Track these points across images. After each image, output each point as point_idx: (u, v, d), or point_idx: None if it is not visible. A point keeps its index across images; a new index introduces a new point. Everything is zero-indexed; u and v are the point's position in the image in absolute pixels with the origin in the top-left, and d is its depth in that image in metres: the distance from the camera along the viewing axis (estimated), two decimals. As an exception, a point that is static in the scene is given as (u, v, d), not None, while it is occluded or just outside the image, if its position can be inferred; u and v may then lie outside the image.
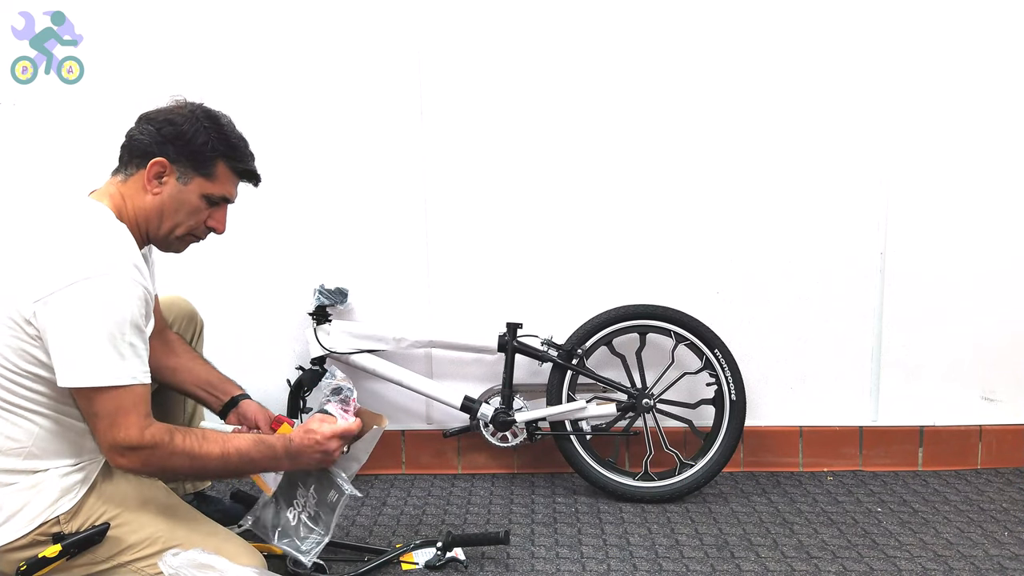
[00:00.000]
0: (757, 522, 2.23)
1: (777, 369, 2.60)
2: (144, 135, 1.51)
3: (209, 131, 1.51)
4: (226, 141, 1.54)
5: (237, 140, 1.57)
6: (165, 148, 1.49)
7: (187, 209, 1.53)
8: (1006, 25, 2.46)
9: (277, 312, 2.54)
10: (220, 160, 1.53)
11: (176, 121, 1.51)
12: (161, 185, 1.50)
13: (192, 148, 1.50)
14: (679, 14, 2.45)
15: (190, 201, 1.53)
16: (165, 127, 1.50)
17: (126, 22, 2.43)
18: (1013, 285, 2.57)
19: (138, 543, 1.48)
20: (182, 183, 1.51)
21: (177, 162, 1.50)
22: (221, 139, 1.53)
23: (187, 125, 1.50)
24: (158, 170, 1.49)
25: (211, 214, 1.57)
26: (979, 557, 2.02)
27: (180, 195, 1.52)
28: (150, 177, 1.50)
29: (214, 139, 1.52)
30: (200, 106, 1.56)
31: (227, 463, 1.49)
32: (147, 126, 1.51)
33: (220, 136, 1.53)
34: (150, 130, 1.51)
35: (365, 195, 2.51)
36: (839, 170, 2.52)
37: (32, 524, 1.42)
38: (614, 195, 2.52)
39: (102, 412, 1.37)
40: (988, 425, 2.62)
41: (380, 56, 2.46)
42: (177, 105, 1.55)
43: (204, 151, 1.51)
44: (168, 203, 1.51)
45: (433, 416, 2.61)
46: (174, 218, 1.53)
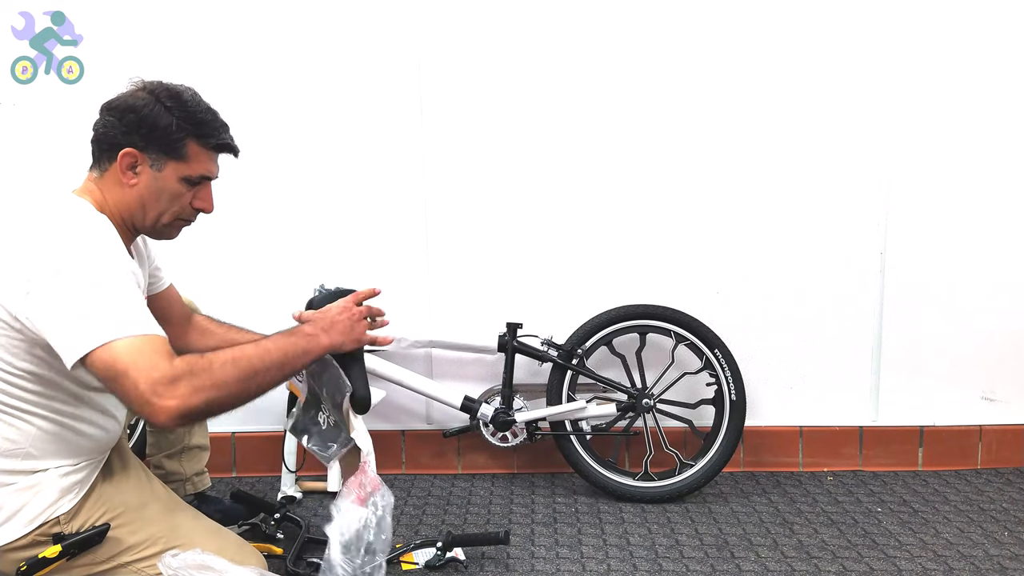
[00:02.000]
0: (757, 522, 2.23)
1: (777, 369, 2.60)
2: (108, 127, 1.45)
3: (172, 111, 1.44)
4: (192, 118, 1.46)
5: (204, 114, 1.48)
6: (131, 137, 1.43)
7: (168, 195, 1.47)
8: (1006, 25, 2.46)
9: (277, 312, 2.53)
10: (190, 139, 1.45)
11: (136, 107, 1.44)
12: (136, 176, 1.45)
13: (158, 133, 1.43)
14: (679, 14, 2.45)
15: (169, 187, 1.46)
16: (127, 115, 1.44)
17: (126, 22, 2.43)
18: (1013, 285, 2.57)
19: (139, 543, 1.47)
20: (156, 170, 1.45)
21: (147, 150, 1.44)
22: (186, 117, 1.45)
23: (147, 109, 1.43)
24: (129, 161, 1.44)
25: (195, 194, 1.50)
26: (979, 557, 2.02)
27: (157, 183, 1.45)
28: (123, 169, 1.44)
29: (178, 119, 1.44)
30: (159, 84, 1.48)
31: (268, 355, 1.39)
32: (109, 117, 1.46)
33: (185, 114, 1.45)
34: (112, 121, 1.45)
35: (365, 195, 2.51)
36: (839, 170, 2.52)
37: (31, 525, 1.41)
38: (614, 195, 2.52)
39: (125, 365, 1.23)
40: (988, 425, 2.62)
41: (380, 56, 2.46)
42: (135, 88, 1.48)
43: (171, 133, 1.43)
44: (147, 193, 1.46)
45: (433, 416, 2.61)
46: (157, 207, 1.47)
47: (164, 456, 2.01)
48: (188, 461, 2.03)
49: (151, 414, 1.24)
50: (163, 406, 1.22)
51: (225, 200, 2.47)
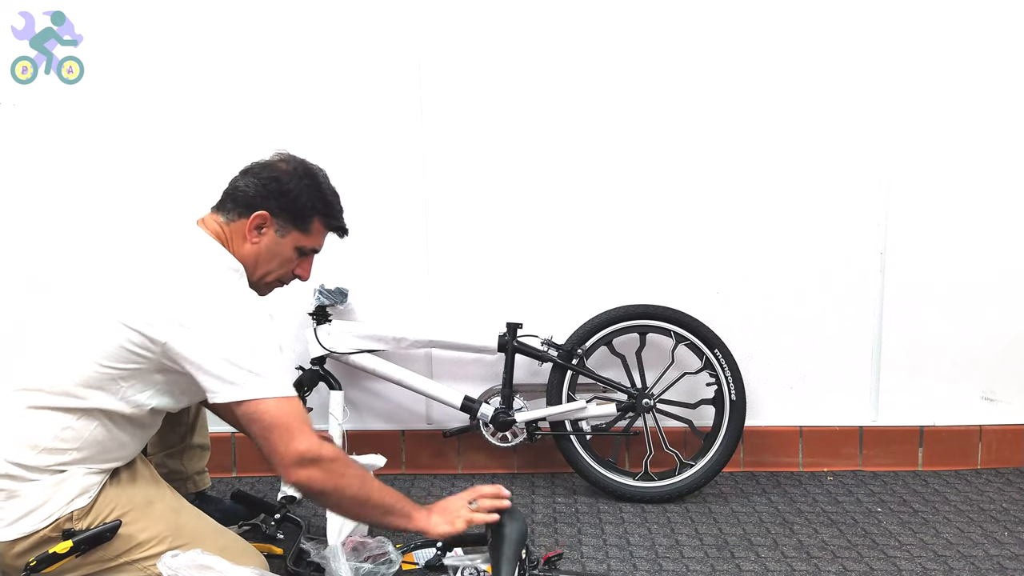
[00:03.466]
0: (757, 522, 2.23)
1: (777, 369, 2.60)
2: (249, 188, 1.59)
3: (310, 189, 1.61)
4: (323, 199, 1.64)
5: (332, 197, 1.67)
6: (269, 203, 1.58)
7: (280, 259, 1.63)
8: (1006, 26, 2.46)
9: (277, 312, 2.53)
10: (317, 217, 1.63)
11: (282, 179, 1.60)
12: (260, 235, 1.60)
13: (294, 206, 1.60)
14: (679, 14, 2.45)
15: (284, 252, 1.63)
16: (271, 184, 1.59)
17: (126, 22, 2.43)
18: (1013, 285, 2.57)
19: (146, 541, 1.49)
20: (280, 235, 1.61)
21: (278, 216, 1.59)
22: (320, 197, 1.63)
23: (291, 184, 1.60)
24: (259, 222, 1.58)
25: (299, 263, 1.68)
26: (979, 557, 2.02)
27: (276, 246, 1.61)
28: (251, 227, 1.58)
29: (314, 198, 1.62)
30: (303, 163, 1.65)
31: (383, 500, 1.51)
32: (252, 179, 1.60)
33: (319, 194, 1.63)
34: (255, 183, 1.59)
35: (365, 195, 2.51)
36: (839, 170, 2.52)
37: (48, 520, 1.44)
38: (614, 195, 2.52)
39: (279, 423, 1.41)
40: (988, 425, 2.62)
41: (380, 56, 2.46)
42: (281, 160, 1.64)
43: (304, 209, 1.61)
44: (264, 252, 1.61)
45: (433, 416, 2.61)
46: (267, 266, 1.62)
47: (165, 454, 2.01)
48: (189, 460, 2.04)
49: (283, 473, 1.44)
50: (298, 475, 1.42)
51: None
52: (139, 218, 2.45)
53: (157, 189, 2.45)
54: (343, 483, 1.45)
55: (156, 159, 2.47)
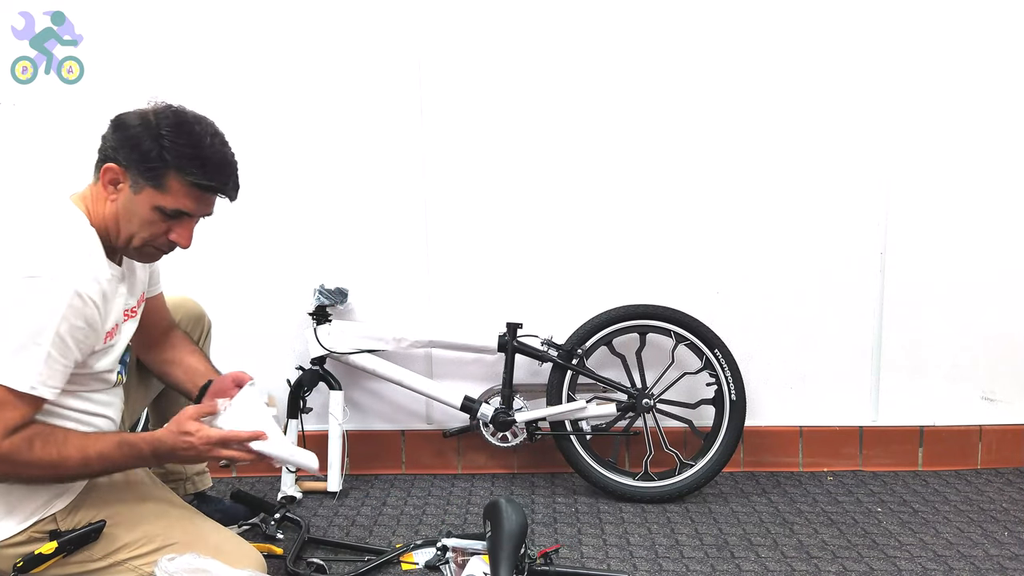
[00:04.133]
0: (757, 522, 2.23)
1: (777, 369, 2.60)
2: (104, 139, 1.44)
3: (161, 138, 1.39)
4: (179, 151, 1.39)
5: (195, 150, 1.41)
6: (116, 153, 1.41)
7: (139, 220, 1.43)
8: (1006, 26, 2.46)
9: (277, 312, 2.54)
10: (170, 171, 1.40)
11: (129, 124, 1.41)
12: (117, 192, 1.43)
13: (139, 155, 1.39)
14: (679, 14, 2.45)
15: (140, 212, 1.42)
16: (118, 131, 1.42)
17: (126, 22, 2.43)
18: (1013, 285, 2.57)
19: (134, 541, 1.47)
20: (133, 192, 1.42)
21: (128, 169, 1.41)
22: (173, 148, 1.39)
23: (137, 130, 1.40)
24: (111, 176, 1.42)
25: (171, 227, 1.45)
26: (979, 557, 2.02)
27: (131, 204, 1.42)
28: (105, 183, 1.43)
29: (164, 147, 1.39)
30: (166, 109, 1.44)
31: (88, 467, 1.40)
32: (108, 129, 1.44)
33: (174, 144, 1.39)
34: (107, 133, 1.44)
35: (365, 195, 2.51)
36: (839, 170, 2.52)
37: (26, 522, 1.42)
38: (614, 195, 2.52)
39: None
40: (988, 425, 2.62)
41: (380, 56, 2.46)
42: (145, 108, 1.45)
43: (150, 159, 1.39)
44: (121, 211, 1.43)
45: (433, 416, 2.61)
46: (128, 228, 1.44)
47: (164, 455, 2.00)
48: None
49: None
50: None
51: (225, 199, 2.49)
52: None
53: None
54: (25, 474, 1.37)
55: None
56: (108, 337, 1.47)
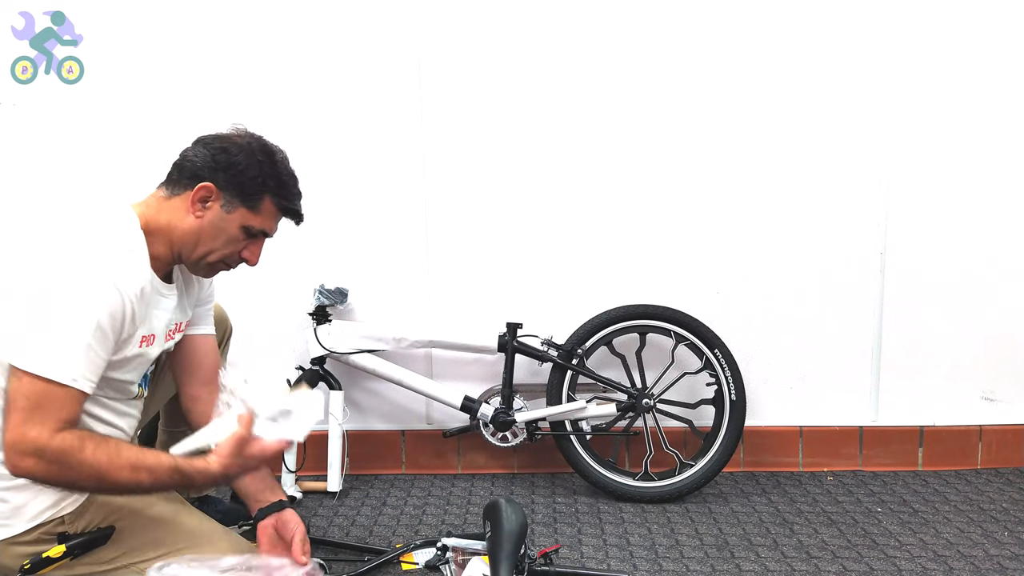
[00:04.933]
0: (757, 522, 2.23)
1: (777, 369, 2.60)
2: (197, 158, 1.50)
3: (262, 165, 1.51)
4: (277, 177, 1.53)
5: (287, 177, 1.57)
6: (216, 175, 1.49)
7: (225, 237, 1.52)
8: (1006, 26, 2.46)
9: (277, 312, 2.54)
10: (267, 195, 1.53)
11: (231, 150, 1.50)
12: (205, 209, 1.50)
13: (243, 179, 1.50)
14: (679, 15, 2.45)
15: (229, 230, 1.52)
16: (220, 155, 1.50)
17: (126, 22, 2.43)
18: (1013, 285, 2.57)
19: (141, 545, 1.48)
20: (225, 211, 1.51)
21: (225, 190, 1.49)
22: (272, 175, 1.53)
23: (241, 156, 1.50)
24: (204, 194, 1.49)
25: (247, 245, 1.57)
26: (979, 557, 2.02)
27: (221, 223, 1.51)
28: (195, 200, 1.49)
29: (266, 173, 1.51)
30: (258, 138, 1.56)
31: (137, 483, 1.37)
32: (201, 149, 1.51)
33: (272, 171, 1.53)
34: (204, 154, 1.50)
35: (365, 195, 2.51)
36: (839, 170, 2.52)
37: (34, 521, 1.42)
38: (614, 195, 2.52)
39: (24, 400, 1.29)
40: (988, 425, 2.62)
41: (380, 58, 2.46)
42: (236, 134, 1.55)
43: (254, 184, 1.50)
44: (207, 228, 1.50)
45: (433, 416, 2.61)
46: (210, 244, 1.52)
47: (170, 456, 2.01)
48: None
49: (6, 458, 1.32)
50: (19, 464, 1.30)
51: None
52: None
53: (157, 189, 2.45)
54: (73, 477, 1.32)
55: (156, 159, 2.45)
56: (143, 342, 1.48)
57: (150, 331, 1.50)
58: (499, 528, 1.79)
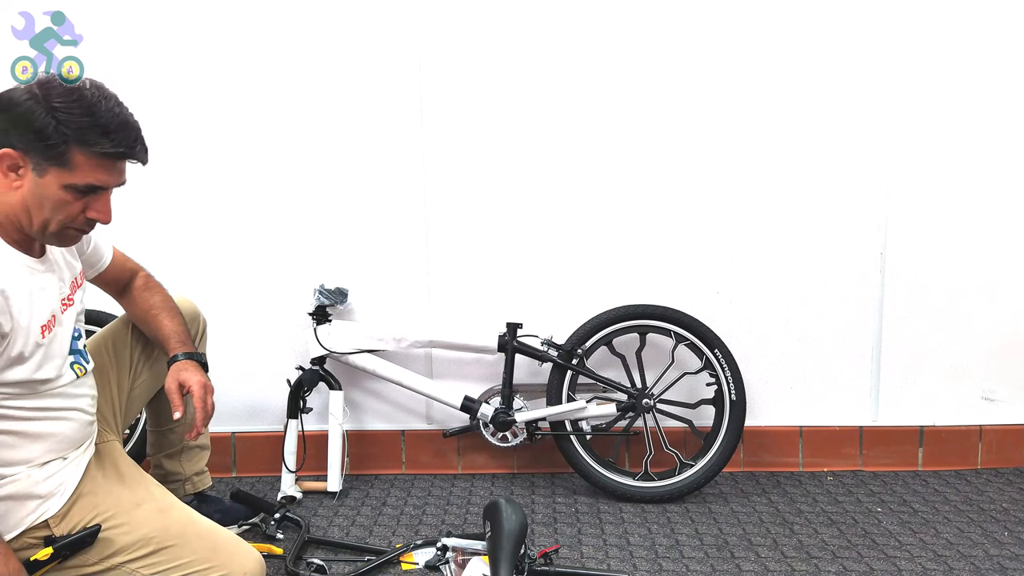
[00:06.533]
0: (757, 522, 2.23)
1: (777, 369, 2.60)
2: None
3: (55, 112, 1.29)
4: (74, 123, 1.30)
5: (95, 118, 1.32)
6: (10, 138, 1.30)
7: (51, 204, 1.33)
8: (1005, 26, 2.46)
9: (277, 312, 2.54)
10: (72, 146, 1.30)
11: (18, 103, 1.30)
12: (20, 178, 1.32)
13: (33, 135, 1.29)
14: (678, 15, 2.45)
15: (51, 195, 1.32)
16: (4, 112, 1.30)
17: (126, 22, 2.43)
18: (1013, 285, 2.57)
19: (131, 544, 1.45)
20: (38, 175, 1.31)
21: (28, 152, 1.30)
22: (69, 121, 1.29)
23: (23, 108, 1.29)
24: (9, 162, 1.31)
25: (87, 204, 1.36)
26: (979, 557, 2.02)
27: (39, 189, 1.32)
28: (4, 171, 1.32)
29: (60, 122, 1.29)
30: (51, 80, 1.33)
31: None
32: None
33: (69, 117, 1.29)
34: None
35: (365, 195, 2.52)
36: (839, 170, 2.52)
37: (18, 528, 1.40)
38: (614, 195, 2.52)
39: None
40: (988, 425, 2.62)
41: (380, 58, 2.46)
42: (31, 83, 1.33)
43: (47, 138, 1.29)
44: (29, 198, 1.32)
45: (433, 416, 2.61)
46: (40, 214, 1.34)
47: (164, 456, 2.01)
48: (188, 461, 2.03)
49: None
50: None
51: (226, 199, 2.49)
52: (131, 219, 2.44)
53: (157, 189, 2.45)
54: None
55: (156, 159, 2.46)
56: (44, 331, 1.41)
57: (49, 314, 1.42)
58: (499, 528, 1.79)
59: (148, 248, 2.23)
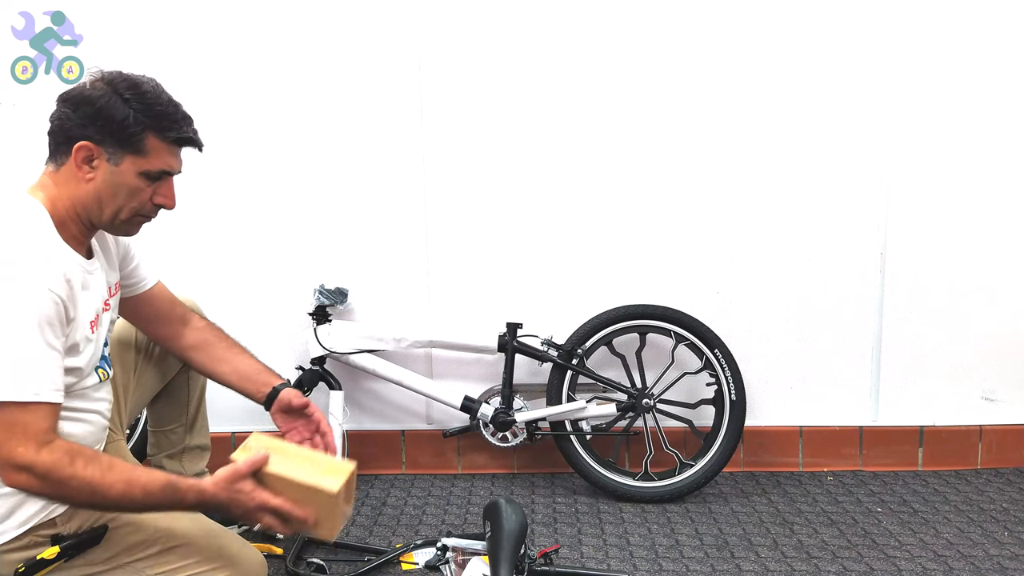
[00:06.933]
0: (757, 522, 2.23)
1: (777, 369, 2.60)
2: (63, 119, 1.39)
3: (129, 103, 1.38)
4: (150, 111, 1.39)
5: (164, 106, 1.42)
6: (87, 130, 1.37)
7: (126, 191, 1.41)
8: (1005, 26, 2.46)
9: (277, 312, 2.54)
10: (148, 133, 1.39)
11: (92, 98, 1.38)
12: (93, 170, 1.39)
13: (114, 126, 1.37)
14: (678, 15, 2.45)
15: (127, 183, 1.40)
16: (82, 107, 1.38)
17: (126, 22, 2.43)
18: (1013, 285, 2.57)
19: (137, 544, 1.46)
20: (114, 164, 1.39)
21: (104, 143, 1.38)
22: (145, 109, 1.39)
23: (103, 100, 1.37)
24: (85, 154, 1.38)
25: (155, 190, 1.44)
26: (979, 557, 2.02)
27: (114, 177, 1.39)
28: (78, 163, 1.38)
29: (136, 111, 1.38)
30: (118, 75, 1.42)
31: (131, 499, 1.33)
32: (64, 108, 1.39)
33: (143, 106, 1.39)
34: (67, 112, 1.39)
35: (365, 195, 2.52)
36: (839, 171, 2.52)
37: (25, 526, 1.40)
38: (614, 195, 2.52)
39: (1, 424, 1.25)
40: (988, 425, 2.62)
41: (380, 58, 2.46)
42: (93, 79, 1.42)
43: (127, 126, 1.37)
44: (104, 188, 1.40)
45: (433, 416, 2.61)
46: (114, 202, 1.41)
47: (165, 456, 2.01)
48: (189, 461, 2.03)
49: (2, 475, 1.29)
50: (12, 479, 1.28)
51: (226, 199, 2.49)
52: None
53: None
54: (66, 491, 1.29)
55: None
56: (92, 327, 1.44)
57: (94, 313, 1.45)
58: (499, 528, 1.79)
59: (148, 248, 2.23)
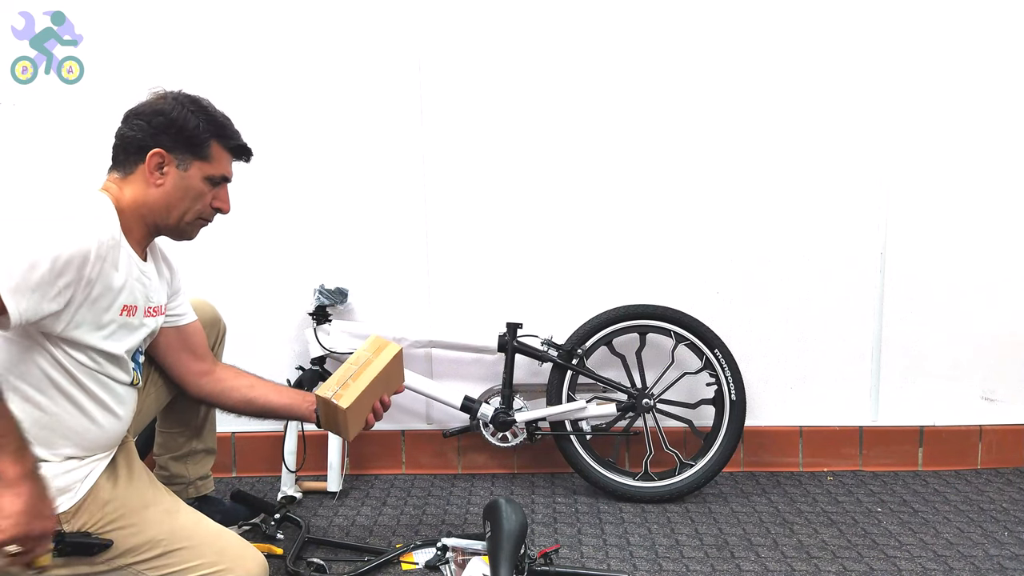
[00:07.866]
0: (757, 522, 2.23)
1: (777, 369, 2.60)
2: (135, 130, 1.53)
3: (197, 115, 1.55)
4: (214, 121, 1.58)
5: (223, 119, 1.61)
6: (160, 139, 1.53)
7: (192, 194, 1.57)
8: (1005, 26, 2.46)
9: (277, 312, 2.54)
10: (213, 140, 1.57)
11: (164, 111, 1.54)
12: (163, 175, 1.54)
13: (186, 134, 1.54)
14: (678, 15, 2.45)
15: (194, 186, 1.56)
16: (155, 118, 1.54)
17: (126, 22, 2.43)
18: (1013, 285, 2.57)
19: (139, 546, 1.47)
20: (182, 170, 1.55)
21: (174, 150, 1.54)
22: (209, 120, 1.57)
23: (176, 112, 1.54)
24: (157, 161, 1.53)
25: (214, 195, 1.61)
26: (979, 557, 2.02)
27: (183, 182, 1.55)
28: (151, 169, 1.53)
29: (203, 121, 1.56)
30: (181, 92, 1.60)
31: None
32: (137, 121, 1.54)
33: (207, 117, 1.57)
34: (141, 124, 1.53)
35: (365, 195, 2.52)
36: (839, 171, 2.52)
37: None
38: (614, 195, 2.52)
39: None
40: (988, 425, 2.62)
41: (381, 58, 2.46)
42: (159, 96, 1.59)
43: (197, 135, 1.55)
44: (173, 192, 1.55)
45: (433, 416, 2.61)
46: (181, 205, 1.57)
47: (170, 458, 2.01)
48: (194, 465, 2.03)
49: None
50: None
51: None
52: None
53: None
54: None
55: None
56: (124, 311, 1.48)
57: (132, 301, 1.50)
58: (499, 528, 1.79)
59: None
